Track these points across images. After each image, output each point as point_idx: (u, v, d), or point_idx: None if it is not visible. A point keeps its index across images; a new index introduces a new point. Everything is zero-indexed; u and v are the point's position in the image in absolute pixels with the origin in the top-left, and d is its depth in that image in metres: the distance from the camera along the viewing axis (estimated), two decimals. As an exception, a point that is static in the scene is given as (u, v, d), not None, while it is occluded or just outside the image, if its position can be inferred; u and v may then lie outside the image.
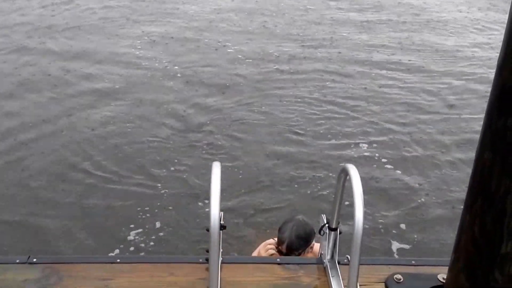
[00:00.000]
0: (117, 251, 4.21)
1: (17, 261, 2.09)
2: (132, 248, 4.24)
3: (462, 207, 1.68)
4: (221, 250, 2.01)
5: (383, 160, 5.79)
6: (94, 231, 4.47)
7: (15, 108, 6.67)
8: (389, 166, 5.66)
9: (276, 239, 3.36)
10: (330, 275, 2.04)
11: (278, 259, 2.21)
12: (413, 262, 2.17)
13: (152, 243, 4.34)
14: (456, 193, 5.14)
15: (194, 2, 11.21)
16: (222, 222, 1.82)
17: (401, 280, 2.02)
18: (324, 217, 2.16)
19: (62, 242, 4.30)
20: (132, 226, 4.49)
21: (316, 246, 3.47)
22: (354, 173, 1.77)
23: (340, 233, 2.10)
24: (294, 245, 3.20)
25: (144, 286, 1.98)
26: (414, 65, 8.60)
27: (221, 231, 1.81)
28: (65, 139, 5.95)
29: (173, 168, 5.44)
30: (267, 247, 3.28)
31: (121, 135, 6.08)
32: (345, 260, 2.09)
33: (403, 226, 4.68)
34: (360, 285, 1.92)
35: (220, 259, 2.04)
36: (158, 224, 4.55)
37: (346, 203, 2.08)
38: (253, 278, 2.04)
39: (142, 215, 4.64)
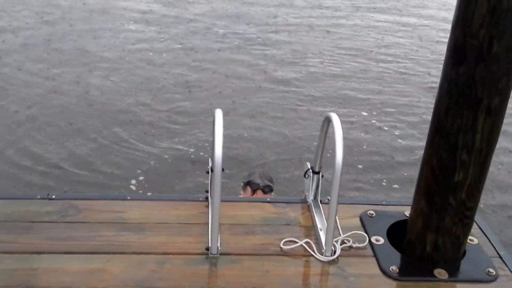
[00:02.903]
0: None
1: (38, 197, 2.46)
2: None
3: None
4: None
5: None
6: (98, 180, 4.80)
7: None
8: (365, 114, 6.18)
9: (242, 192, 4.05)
10: (314, 211, 2.48)
11: (268, 199, 2.64)
12: (383, 202, 2.64)
13: (154, 187, 4.74)
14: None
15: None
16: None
17: (374, 215, 2.48)
18: (308, 164, 2.59)
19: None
20: (134, 176, 4.84)
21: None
22: (336, 120, 2.18)
23: (322, 176, 2.53)
24: (268, 188, 3.92)
25: (153, 218, 2.37)
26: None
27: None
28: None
29: (171, 121, 5.82)
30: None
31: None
32: (326, 200, 2.52)
33: (380, 171, 5.18)
34: (339, 219, 2.37)
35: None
36: (157, 171, 4.93)
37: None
38: (248, 212, 2.46)
39: (142, 166, 4.99)
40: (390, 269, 2.14)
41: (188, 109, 6.14)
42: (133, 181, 4.79)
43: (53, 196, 2.47)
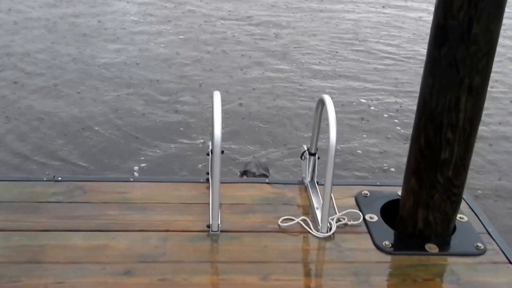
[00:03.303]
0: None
1: (44, 179, 2.60)
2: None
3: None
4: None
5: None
6: (101, 161, 4.94)
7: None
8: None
9: None
10: (310, 192, 2.59)
11: (267, 180, 2.76)
12: (377, 183, 2.76)
13: (154, 170, 4.88)
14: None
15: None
16: None
17: (368, 194, 2.59)
18: (305, 146, 2.70)
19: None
20: (135, 159, 4.98)
21: None
22: (329, 102, 2.29)
23: (318, 158, 2.64)
24: (263, 177, 3.98)
25: (155, 198, 2.50)
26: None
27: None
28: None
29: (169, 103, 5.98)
30: None
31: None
32: (323, 181, 2.63)
33: (380, 157, 5.26)
34: (335, 199, 2.48)
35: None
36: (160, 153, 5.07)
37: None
38: (247, 193, 2.58)
39: (144, 149, 5.13)
40: (384, 244, 2.25)
41: (190, 96, 6.25)
42: (136, 167, 4.92)
43: (59, 178, 2.60)
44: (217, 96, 2.29)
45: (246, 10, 9.19)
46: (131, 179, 2.68)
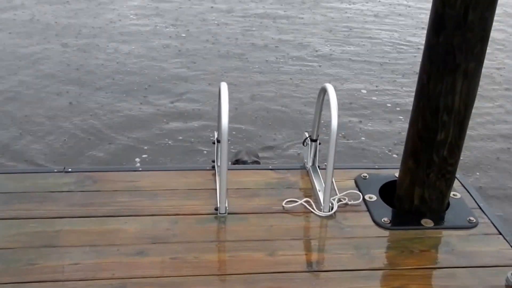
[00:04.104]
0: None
1: (55, 170, 2.67)
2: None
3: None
4: None
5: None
6: (108, 151, 4.94)
7: None
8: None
9: None
10: (312, 176, 2.71)
11: (270, 166, 2.88)
12: (376, 166, 2.89)
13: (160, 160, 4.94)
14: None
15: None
16: None
17: (367, 177, 2.72)
18: (306, 133, 2.82)
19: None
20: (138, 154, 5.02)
21: None
22: (331, 90, 2.41)
23: (319, 144, 2.76)
24: (255, 164, 4.11)
25: (164, 185, 2.59)
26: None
27: None
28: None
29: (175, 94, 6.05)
30: None
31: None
32: (324, 166, 2.75)
33: (376, 138, 5.39)
34: (335, 182, 2.61)
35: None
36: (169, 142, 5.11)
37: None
38: (252, 178, 2.70)
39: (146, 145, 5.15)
40: (382, 220, 2.40)
41: (191, 89, 6.30)
42: (137, 159, 4.97)
43: (69, 169, 2.68)
44: (224, 87, 2.39)
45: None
46: (140, 168, 2.77)
